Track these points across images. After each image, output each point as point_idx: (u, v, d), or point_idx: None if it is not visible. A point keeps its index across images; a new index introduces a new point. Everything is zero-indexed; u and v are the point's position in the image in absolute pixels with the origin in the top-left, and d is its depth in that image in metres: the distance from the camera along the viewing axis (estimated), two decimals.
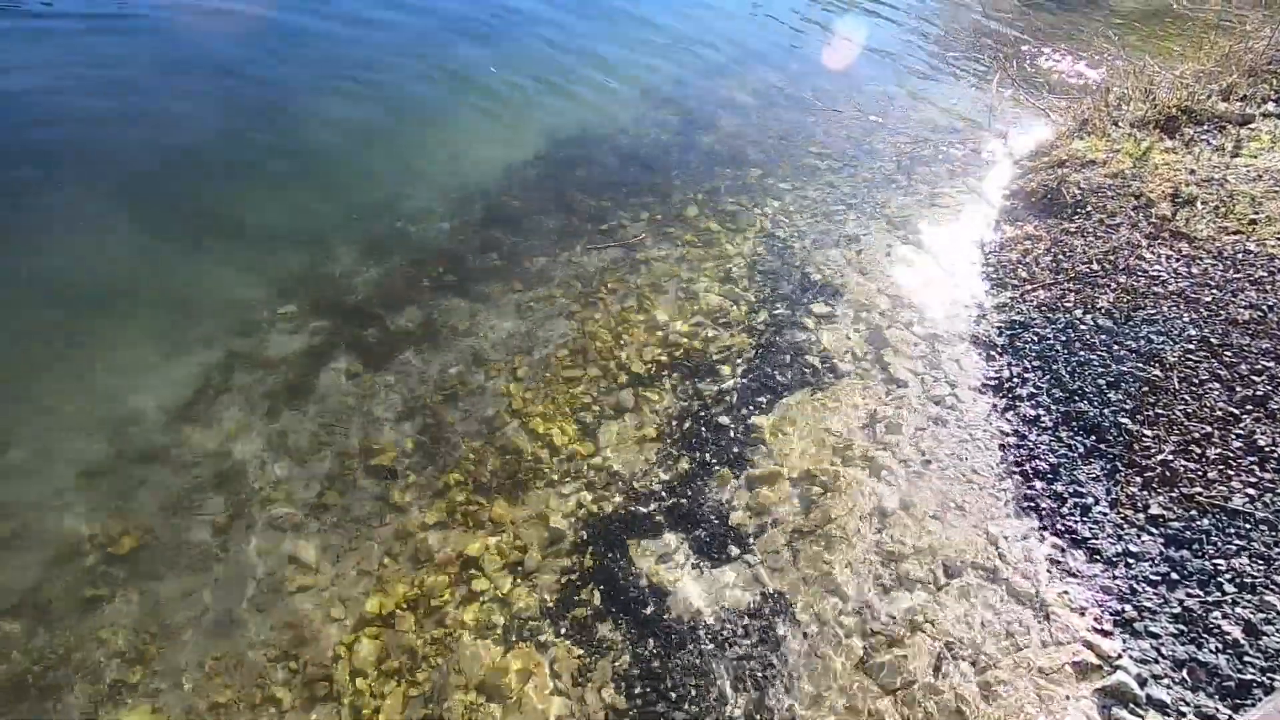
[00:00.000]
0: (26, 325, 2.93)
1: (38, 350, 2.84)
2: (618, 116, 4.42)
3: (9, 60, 4.41)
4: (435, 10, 5.55)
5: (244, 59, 4.76)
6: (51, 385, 2.69)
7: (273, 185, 3.77)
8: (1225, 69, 4.43)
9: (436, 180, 3.82)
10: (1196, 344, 2.62)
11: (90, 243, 3.31)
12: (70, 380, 2.72)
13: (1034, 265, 3.18)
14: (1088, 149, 3.78)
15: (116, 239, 3.34)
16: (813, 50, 5.42)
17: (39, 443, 2.49)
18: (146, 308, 3.01)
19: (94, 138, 3.95)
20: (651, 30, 5.54)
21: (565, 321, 3.01)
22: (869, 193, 3.84)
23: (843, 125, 4.43)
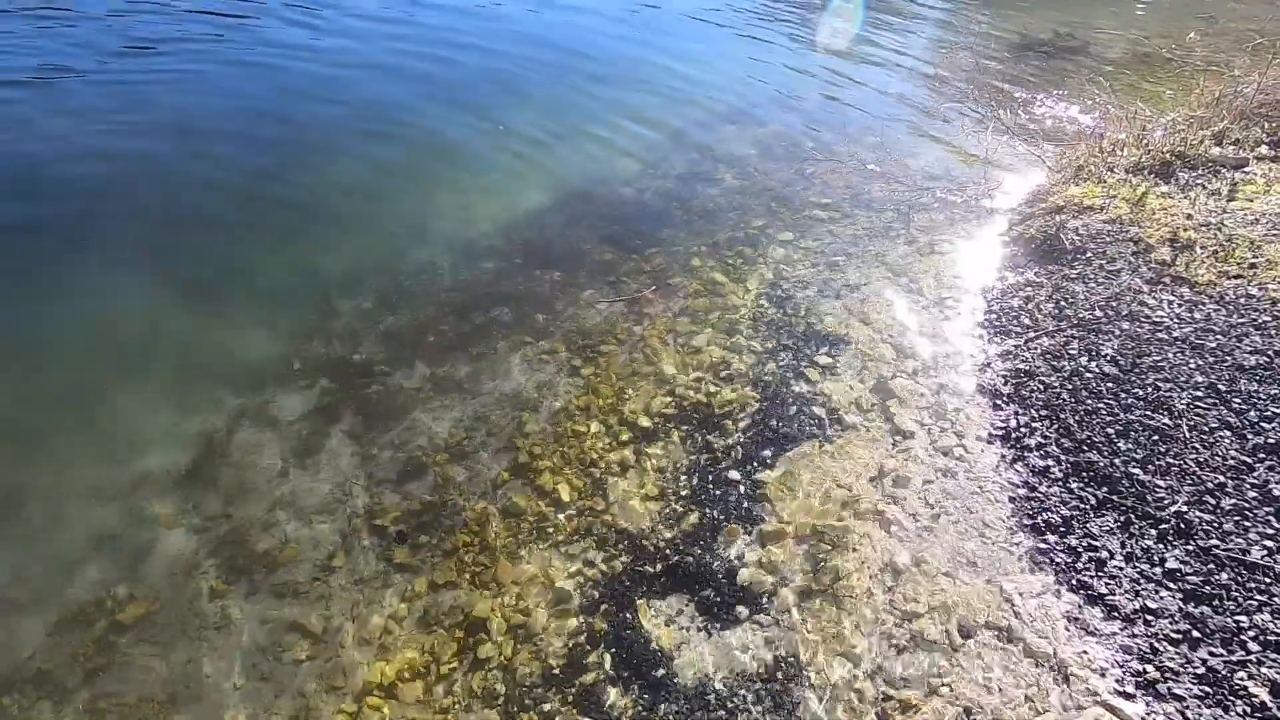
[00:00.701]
0: (40, 384, 2.97)
1: (51, 410, 2.87)
2: (621, 169, 4.51)
3: (24, 119, 4.57)
4: (442, 64, 5.74)
5: (255, 114, 4.92)
6: (63, 446, 2.72)
7: (283, 242, 3.85)
8: (1216, 113, 4.51)
9: (443, 234, 3.89)
10: (1204, 391, 2.61)
11: (102, 302, 3.37)
12: (81, 441, 2.74)
13: (1036, 312, 3.19)
14: (1084, 195, 3.83)
15: (128, 298, 3.41)
16: (809, 101, 5.56)
17: (50, 505, 2.49)
18: (157, 368, 3.05)
19: (107, 196, 4.06)
20: (652, 83, 5.70)
21: (570, 376, 3.03)
22: (869, 241, 3.89)
23: (841, 175, 4.51)
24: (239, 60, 5.66)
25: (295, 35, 6.15)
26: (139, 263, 3.63)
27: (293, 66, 5.63)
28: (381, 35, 6.29)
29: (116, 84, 5.12)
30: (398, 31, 6.41)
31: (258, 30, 6.21)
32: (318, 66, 5.64)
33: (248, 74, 5.50)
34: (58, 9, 6.33)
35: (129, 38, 5.86)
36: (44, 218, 3.87)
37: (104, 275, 3.51)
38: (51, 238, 3.74)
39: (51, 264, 3.59)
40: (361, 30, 6.35)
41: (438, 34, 6.42)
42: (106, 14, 6.28)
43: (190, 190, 4.14)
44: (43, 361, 3.08)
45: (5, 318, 3.20)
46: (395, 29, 6.45)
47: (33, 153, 4.33)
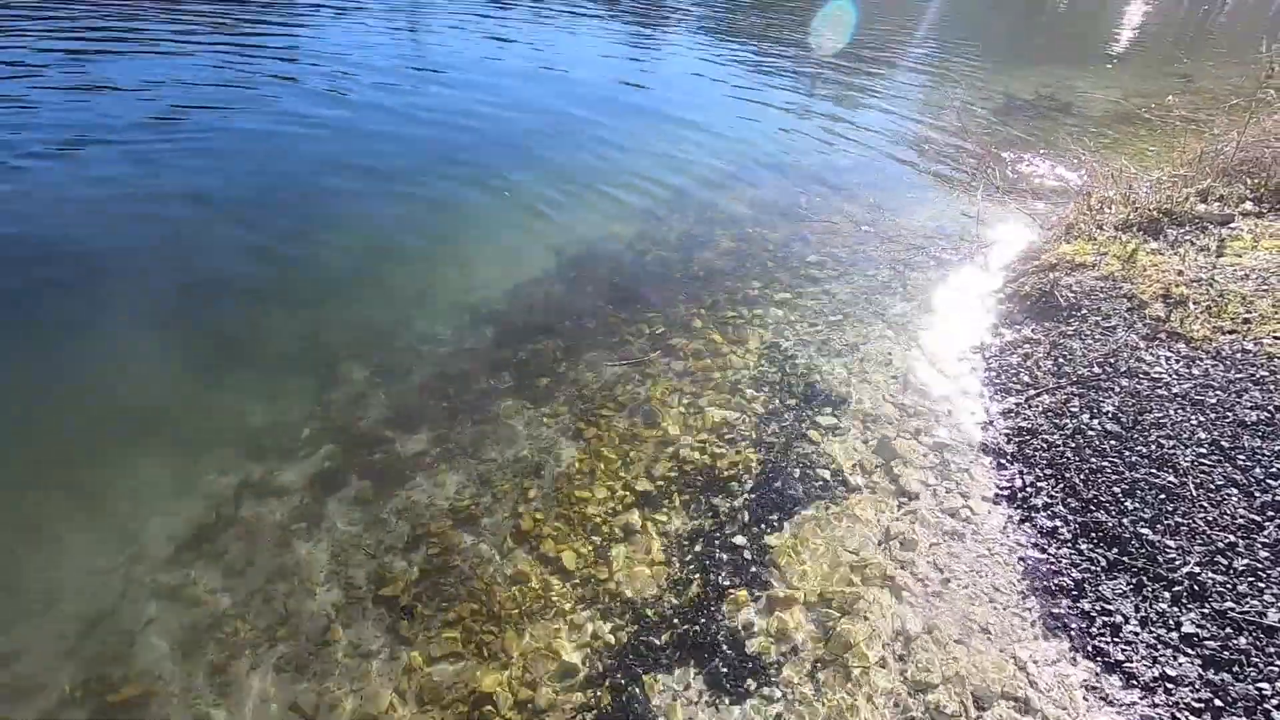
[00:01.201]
0: (43, 453, 2.97)
1: (52, 479, 2.87)
2: (623, 232, 4.62)
3: (46, 188, 4.70)
4: (449, 131, 5.93)
5: (267, 183, 5.07)
6: (63, 516, 2.70)
7: (292, 310, 3.91)
8: (1199, 171, 4.64)
9: (449, 299, 3.95)
10: (1208, 448, 2.61)
11: (109, 371, 3.41)
12: (82, 512, 2.73)
13: (1036, 369, 3.22)
14: (1076, 252, 3.91)
15: (136, 367, 3.44)
16: (803, 162, 5.72)
17: (47, 579, 2.47)
18: (162, 436, 3.06)
19: (120, 265, 4.14)
20: (650, 147, 5.88)
21: (573, 441, 3.04)
22: (867, 300, 3.95)
23: (836, 234, 4.61)
24: (255, 130, 5.86)
25: (310, 106, 6.38)
26: (148, 331, 3.68)
27: (306, 135, 5.82)
28: (392, 105, 6.52)
29: (138, 154, 5.30)
30: (407, 101, 6.66)
31: (275, 101, 6.44)
32: (329, 135, 5.83)
33: (262, 144, 5.69)
34: (93, 83, 6.61)
35: (154, 109, 6.09)
36: (56, 283, 3.94)
37: (112, 344, 3.56)
38: (62, 304, 3.81)
39: (60, 330, 3.64)
40: (371, 100, 6.59)
41: (444, 103, 6.66)
42: (137, 86, 6.57)
43: (202, 259, 4.22)
44: (46, 429, 3.09)
45: (10, 382, 3.23)
46: (405, 99, 6.70)
47: (51, 220, 4.45)
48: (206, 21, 8.82)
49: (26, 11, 8.63)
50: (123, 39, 7.86)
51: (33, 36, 7.71)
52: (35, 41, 7.55)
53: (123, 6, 9.19)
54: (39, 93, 6.21)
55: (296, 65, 7.53)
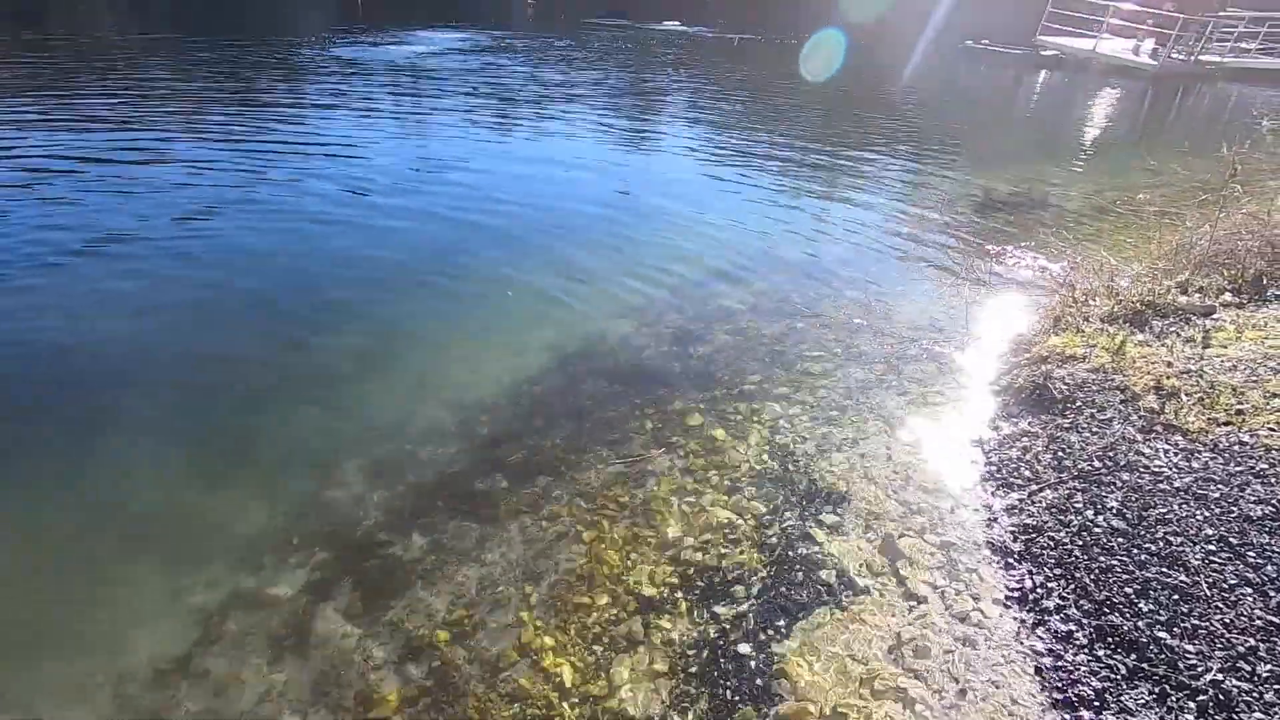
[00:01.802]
0: (26, 561, 2.91)
1: (35, 589, 2.79)
2: (620, 329, 4.71)
3: (61, 286, 4.80)
4: (454, 226, 6.14)
5: (272, 280, 5.21)
6: (45, 628, 2.61)
7: (287, 409, 3.93)
8: (1176, 264, 4.81)
9: (446, 399, 3.97)
10: (1216, 545, 2.58)
11: (100, 473, 3.38)
12: (65, 625, 2.64)
13: (1036, 463, 3.22)
14: (1065, 344, 3.99)
15: (128, 470, 3.42)
16: (793, 259, 5.91)
17: (23, 696, 2.36)
18: (152, 544, 3.00)
19: (124, 361, 4.21)
20: (645, 242, 6.08)
21: (573, 544, 2.98)
22: (863, 394, 3.99)
23: (830, 329, 4.71)
24: (266, 228, 6.08)
25: (320, 205, 6.61)
26: (144, 433, 3.69)
27: (315, 233, 6.03)
28: (396, 203, 6.77)
29: (153, 255, 5.49)
30: (412, 199, 6.91)
31: (285, 200, 6.69)
32: (337, 233, 6.04)
33: (272, 241, 5.89)
34: (125, 179, 6.92)
35: (172, 210, 6.37)
36: (60, 382, 3.99)
37: (106, 446, 3.55)
38: (63, 403, 3.84)
39: (57, 431, 3.65)
40: (377, 198, 6.85)
41: (448, 200, 6.92)
42: (171, 185, 6.94)
43: (203, 358, 4.29)
44: (30, 534, 3.04)
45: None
46: (409, 197, 6.96)
47: (59, 318, 4.55)
48: (224, 128, 9.29)
49: (53, 118, 9.09)
50: (142, 146, 8.25)
51: (60, 144, 8.10)
52: (60, 147, 7.92)
53: (146, 115, 9.70)
54: (80, 191, 6.46)
55: (309, 163, 7.88)
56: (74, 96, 11.09)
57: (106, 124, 9.39)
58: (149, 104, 10.94)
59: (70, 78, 12.62)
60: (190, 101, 11.48)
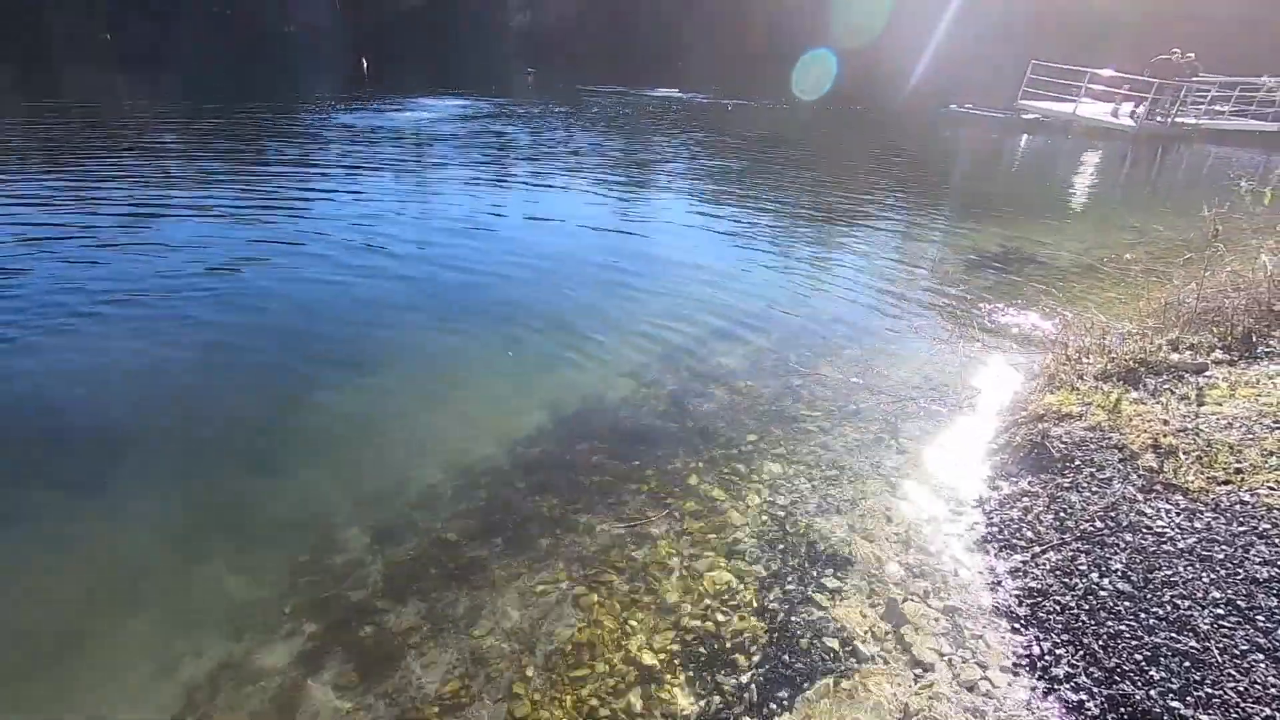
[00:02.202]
0: (15, 620, 2.84)
1: (21, 651, 2.72)
2: (618, 388, 4.72)
3: (68, 348, 4.82)
4: (449, 284, 6.22)
5: (273, 342, 5.25)
6: (27, 704, 2.53)
7: (285, 471, 3.90)
8: (1166, 322, 4.88)
9: (444, 460, 3.95)
10: (1225, 608, 2.54)
11: (94, 537, 3.34)
12: (48, 700, 2.56)
13: (1037, 524, 3.19)
14: (1061, 403, 4.01)
15: (122, 535, 3.38)
16: (789, 318, 5.98)
17: None
18: (140, 614, 2.93)
19: (126, 421, 4.21)
20: (642, 302, 6.16)
21: (570, 610, 2.92)
22: (861, 453, 3.98)
23: (826, 387, 4.73)
24: (269, 289, 6.17)
25: (321, 266, 6.72)
26: (141, 492, 3.66)
27: (317, 295, 6.11)
28: (396, 262, 6.88)
29: (160, 311, 5.57)
30: (411, 258, 7.03)
31: (288, 261, 6.79)
32: (337, 294, 6.12)
33: (275, 302, 5.96)
34: (132, 241, 7.06)
35: (182, 266, 6.50)
36: (55, 440, 3.98)
37: (102, 509, 3.51)
38: (58, 461, 3.82)
39: (50, 489, 3.62)
40: (376, 257, 6.96)
41: (447, 260, 7.04)
42: (176, 246, 7.11)
43: (207, 416, 4.31)
44: (17, 597, 2.97)
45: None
46: (409, 256, 7.08)
47: (61, 378, 4.57)
48: (231, 190, 9.51)
49: (66, 181, 9.31)
50: (150, 208, 8.42)
51: (71, 206, 8.27)
52: (71, 209, 8.08)
53: (155, 177, 9.94)
54: (103, 253, 6.57)
55: (312, 225, 8.03)
56: (87, 160, 11.38)
57: (118, 186, 9.61)
58: (159, 167, 11.22)
59: (84, 142, 12.98)
60: (200, 164, 11.78)
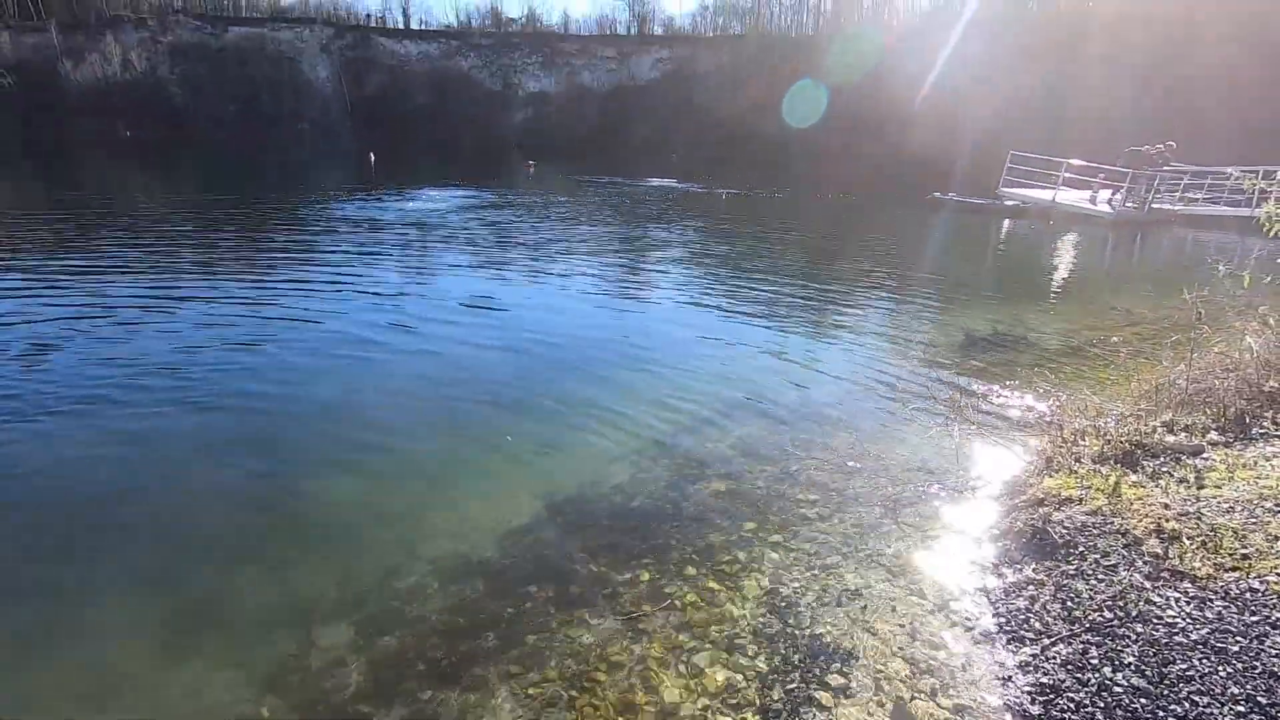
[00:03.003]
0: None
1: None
2: (614, 474, 4.68)
3: (65, 436, 4.79)
4: (441, 371, 6.26)
5: (263, 426, 5.24)
6: None
7: (272, 562, 3.81)
8: (1158, 403, 4.91)
9: (433, 552, 3.87)
10: (1245, 704, 2.44)
11: (68, 635, 3.22)
12: None
13: (1045, 614, 3.10)
14: (1060, 486, 3.97)
15: (97, 632, 3.26)
16: (782, 401, 6.00)
17: None
18: (119, 713, 2.80)
19: (110, 510, 4.18)
20: (640, 388, 6.19)
21: (565, 711, 2.79)
22: (861, 540, 3.91)
23: (824, 471, 4.70)
24: (263, 373, 6.22)
25: (315, 351, 6.80)
26: (125, 585, 3.58)
27: (311, 379, 6.16)
28: (388, 348, 6.96)
29: (157, 396, 5.60)
30: (404, 343, 7.11)
31: (281, 347, 6.87)
32: (332, 378, 6.16)
33: (268, 387, 6.00)
34: (149, 327, 7.11)
35: (187, 352, 6.54)
36: (39, 527, 3.92)
37: (77, 606, 3.41)
38: (41, 549, 3.75)
39: (32, 576, 3.53)
40: (370, 342, 7.04)
41: (441, 344, 7.13)
42: (187, 328, 7.17)
43: (196, 504, 4.28)
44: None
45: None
46: (402, 342, 7.16)
47: (50, 468, 4.53)
48: (236, 277, 9.72)
49: (83, 269, 9.52)
50: (159, 293, 8.59)
51: (82, 293, 8.42)
52: (84, 296, 8.23)
53: (168, 262, 10.18)
54: (103, 345, 6.63)
55: (316, 310, 8.16)
56: (105, 246, 11.69)
57: (130, 271, 9.84)
58: (170, 254, 11.52)
59: (101, 230, 13.37)
60: (210, 252, 12.11)
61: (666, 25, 69.37)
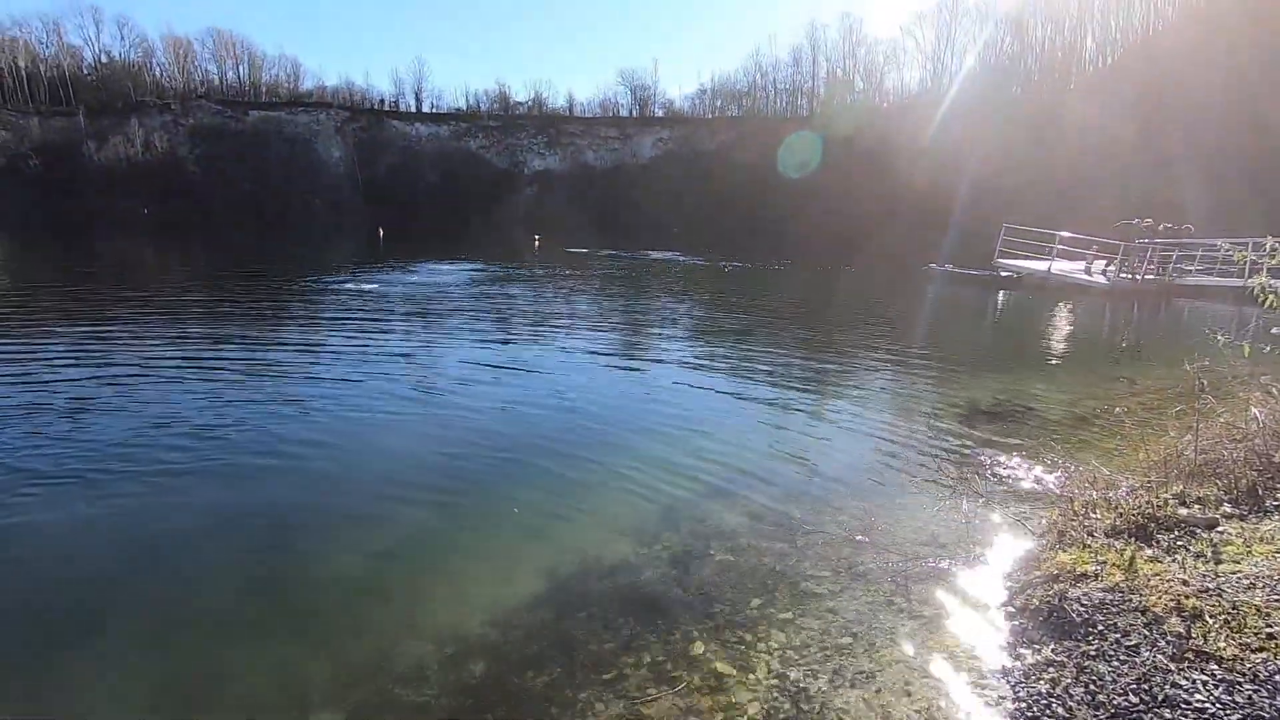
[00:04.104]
0: None
1: None
2: (617, 549, 4.59)
3: (63, 511, 4.72)
4: (444, 438, 6.22)
5: (263, 501, 5.16)
6: None
7: (263, 644, 3.69)
8: (1168, 475, 4.85)
9: (432, 631, 3.75)
10: None
11: (56, 706, 3.10)
12: None
13: (1068, 698, 2.97)
14: (1075, 562, 3.88)
15: (84, 710, 3.13)
16: (787, 473, 5.94)
17: None
18: None
19: (107, 589, 4.08)
20: (644, 457, 6.14)
21: None
22: (873, 618, 3.79)
23: (832, 546, 4.60)
24: (272, 444, 6.19)
25: (320, 424, 6.79)
26: (109, 661, 3.47)
27: (316, 453, 6.13)
28: (395, 419, 6.95)
29: (150, 470, 5.53)
30: (411, 414, 7.11)
31: (285, 420, 6.86)
32: (337, 451, 6.12)
33: (275, 456, 5.98)
34: (142, 399, 7.10)
35: (191, 423, 6.57)
36: (35, 610, 3.82)
37: (63, 682, 3.29)
38: (31, 633, 3.64)
39: (18, 656, 3.42)
40: (376, 415, 7.04)
41: (447, 415, 7.12)
42: (188, 399, 7.09)
43: (186, 581, 4.18)
44: None
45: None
46: (407, 413, 7.16)
47: (46, 537, 4.47)
48: (242, 351, 9.83)
49: (88, 342, 9.64)
50: (167, 362, 8.67)
51: (85, 365, 8.49)
52: (87, 368, 8.30)
53: (178, 333, 10.31)
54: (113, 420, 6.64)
55: (320, 381, 8.20)
56: (123, 316, 11.86)
57: (141, 342, 9.94)
58: (180, 326, 11.68)
59: (117, 302, 13.61)
60: (220, 323, 12.27)
61: (666, 107, 72.83)
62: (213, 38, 69.13)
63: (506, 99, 71.62)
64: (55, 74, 64.35)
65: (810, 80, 65.23)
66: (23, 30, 65.27)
